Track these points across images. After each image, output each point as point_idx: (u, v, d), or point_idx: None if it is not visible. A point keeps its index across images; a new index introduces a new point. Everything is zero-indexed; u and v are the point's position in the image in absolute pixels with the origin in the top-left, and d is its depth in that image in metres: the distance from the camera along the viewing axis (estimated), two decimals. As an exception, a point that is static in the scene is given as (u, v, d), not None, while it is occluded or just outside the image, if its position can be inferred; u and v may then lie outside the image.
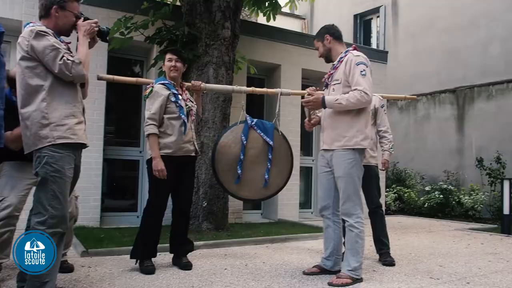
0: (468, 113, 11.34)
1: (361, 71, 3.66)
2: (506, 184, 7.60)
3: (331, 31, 3.97)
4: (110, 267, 4.15)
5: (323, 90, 4.04)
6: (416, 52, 12.73)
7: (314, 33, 4.39)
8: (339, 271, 3.80)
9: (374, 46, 14.06)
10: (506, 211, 7.48)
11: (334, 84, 3.83)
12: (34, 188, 3.44)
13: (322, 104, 3.76)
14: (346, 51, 3.87)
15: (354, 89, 3.64)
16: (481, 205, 9.74)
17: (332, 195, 3.93)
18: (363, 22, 14.78)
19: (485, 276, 4.13)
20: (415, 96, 6.29)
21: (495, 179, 9.67)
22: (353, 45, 3.99)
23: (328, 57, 4.01)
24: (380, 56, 10.16)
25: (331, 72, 3.92)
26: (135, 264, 4.05)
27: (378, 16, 14.19)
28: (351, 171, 3.73)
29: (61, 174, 2.78)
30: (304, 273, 4.02)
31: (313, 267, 4.08)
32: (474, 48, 11.32)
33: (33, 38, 2.76)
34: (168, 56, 4.16)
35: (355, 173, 3.75)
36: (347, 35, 14.22)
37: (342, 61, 3.82)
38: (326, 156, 3.91)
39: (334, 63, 3.92)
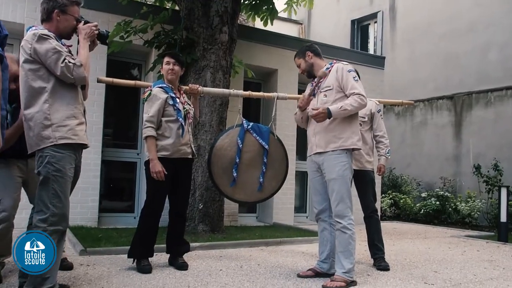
0: (465, 120, 11.39)
1: (354, 77, 3.86)
2: (504, 192, 7.57)
3: (312, 48, 4.15)
4: (108, 265, 4.19)
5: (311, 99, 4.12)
6: (413, 57, 12.81)
7: (312, 38, 4.49)
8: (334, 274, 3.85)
9: (371, 51, 14.14)
10: (503, 218, 7.45)
11: (326, 91, 3.92)
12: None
13: (328, 115, 3.79)
14: (331, 63, 4.03)
15: (352, 93, 3.78)
16: (478, 213, 9.75)
17: (327, 198, 3.97)
18: (360, 27, 14.87)
19: (480, 282, 4.14)
20: (412, 102, 6.34)
21: (493, 186, 9.67)
22: (335, 60, 4.14)
23: (310, 72, 4.13)
24: (377, 61, 10.23)
25: (318, 82, 4.02)
26: (132, 263, 4.11)
27: (375, 22, 14.28)
28: (344, 173, 3.81)
29: (62, 174, 2.85)
30: (299, 275, 4.05)
31: (308, 270, 4.12)
32: (472, 54, 11.38)
33: (35, 41, 2.84)
34: (166, 59, 4.21)
35: (348, 175, 3.85)
36: (344, 40, 14.33)
37: (330, 70, 3.97)
38: (317, 160, 3.96)
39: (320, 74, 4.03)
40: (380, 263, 4.60)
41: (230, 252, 5.28)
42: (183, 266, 4.15)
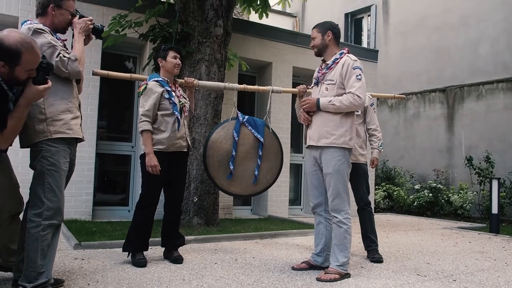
0: (457, 112, 11.45)
1: (357, 75, 3.76)
2: (495, 184, 7.64)
3: (334, 30, 3.99)
4: (102, 259, 4.21)
5: (313, 87, 4.12)
6: (406, 50, 12.84)
7: (306, 31, 4.48)
8: (329, 267, 3.89)
9: (364, 44, 14.15)
10: (494, 210, 7.53)
11: (328, 84, 3.87)
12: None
13: (317, 105, 3.83)
14: (341, 53, 3.92)
15: (348, 92, 3.73)
16: (470, 204, 9.84)
17: (323, 192, 3.98)
18: (354, 20, 14.86)
19: (472, 274, 4.21)
20: (403, 96, 6.37)
21: (484, 178, 9.79)
22: (347, 49, 4.01)
23: (320, 52, 4.01)
24: (370, 54, 10.25)
25: (324, 72, 3.95)
26: (127, 257, 4.12)
27: (369, 15, 14.29)
28: (340, 168, 3.80)
29: (57, 168, 2.85)
30: (293, 268, 4.08)
31: (302, 263, 4.15)
32: (464, 47, 11.44)
33: (30, 35, 2.82)
34: (172, 53, 4.20)
35: (344, 170, 3.83)
36: (339, 33, 14.28)
37: (337, 62, 3.87)
38: (314, 154, 3.95)
39: (328, 62, 3.94)
40: (373, 255, 4.65)
41: (225, 245, 5.31)
42: (178, 260, 4.17)
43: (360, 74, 3.78)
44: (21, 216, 3.17)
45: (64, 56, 2.87)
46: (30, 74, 2.61)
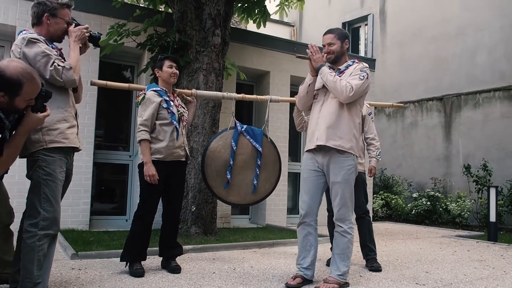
0: (455, 121, 11.49)
1: (360, 76, 3.71)
2: (493, 192, 7.66)
3: (349, 39, 3.98)
4: (100, 269, 4.18)
5: (319, 90, 3.95)
6: (403, 60, 12.91)
7: (303, 40, 4.47)
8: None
9: (362, 53, 14.22)
10: (492, 218, 7.53)
11: None
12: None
13: (320, 66, 3.74)
14: (353, 61, 3.90)
15: (346, 82, 3.65)
16: (468, 212, 9.84)
17: (318, 201, 3.89)
18: (351, 30, 14.94)
19: (471, 282, 4.19)
20: (402, 104, 6.38)
21: (482, 186, 9.81)
22: (357, 60, 3.98)
23: (337, 59, 3.92)
24: (368, 64, 10.19)
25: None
26: (125, 267, 4.09)
27: (366, 24, 14.37)
28: (349, 178, 3.73)
29: (53, 178, 2.84)
30: (288, 285, 3.77)
31: (296, 278, 3.85)
32: (461, 56, 11.51)
33: (25, 45, 2.83)
34: (168, 63, 4.20)
35: (352, 178, 3.76)
36: (336, 42, 14.37)
37: (349, 68, 3.85)
38: (320, 160, 3.81)
39: (340, 67, 3.89)
40: (372, 264, 4.64)
41: (223, 254, 5.29)
42: (176, 269, 4.14)
43: (364, 76, 3.71)
44: (17, 228, 3.16)
45: (59, 65, 2.87)
46: (29, 103, 2.61)
